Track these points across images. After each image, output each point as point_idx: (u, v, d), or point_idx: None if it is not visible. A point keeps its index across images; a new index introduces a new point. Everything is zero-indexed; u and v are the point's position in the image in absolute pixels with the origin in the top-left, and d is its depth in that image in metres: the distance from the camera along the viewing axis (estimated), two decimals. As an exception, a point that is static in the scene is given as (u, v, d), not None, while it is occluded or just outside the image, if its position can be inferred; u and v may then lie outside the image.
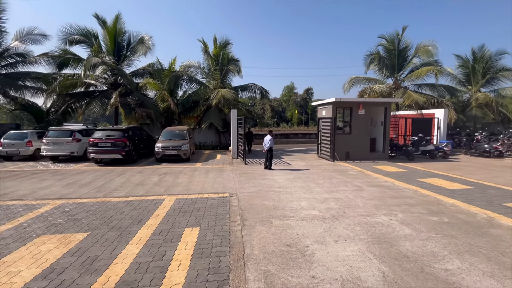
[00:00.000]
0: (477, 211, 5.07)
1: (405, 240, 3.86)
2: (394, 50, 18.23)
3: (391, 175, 8.54)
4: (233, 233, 4.15)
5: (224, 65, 17.08)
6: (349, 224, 4.47)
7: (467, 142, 14.81)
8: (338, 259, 3.35)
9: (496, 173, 8.87)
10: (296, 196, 6.22)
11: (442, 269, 3.09)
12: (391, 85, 18.83)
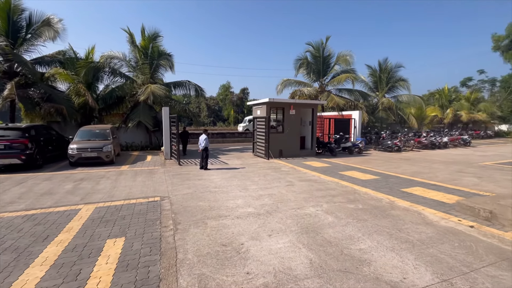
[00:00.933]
0: (383, 197, 6.04)
1: (328, 228, 4.29)
2: (320, 57, 20.23)
3: (317, 170, 9.43)
4: (164, 239, 3.86)
5: (154, 59, 15.84)
6: (281, 218, 4.72)
7: (376, 139, 17.60)
8: (272, 252, 3.49)
9: (396, 165, 10.78)
10: (232, 195, 6.23)
11: (357, 249, 3.55)
12: (317, 89, 20.84)
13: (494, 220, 4.49)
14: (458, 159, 12.58)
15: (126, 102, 16.09)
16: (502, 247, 3.63)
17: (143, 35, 15.82)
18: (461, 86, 46.78)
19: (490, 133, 30.54)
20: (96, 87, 16.02)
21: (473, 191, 6.57)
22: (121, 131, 15.63)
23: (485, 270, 3.06)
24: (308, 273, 2.99)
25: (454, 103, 33.15)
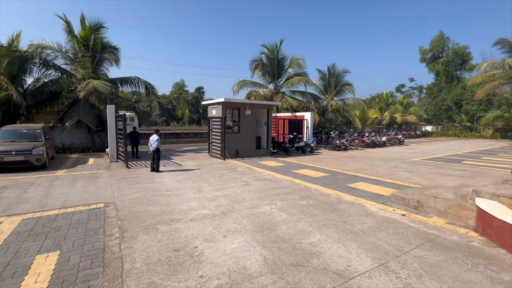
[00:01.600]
0: (331, 193, 6.49)
1: (282, 224, 4.43)
2: (274, 59, 20.84)
3: (272, 169, 9.69)
4: (108, 249, 3.53)
5: (97, 52, 14.36)
6: (237, 218, 4.71)
7: (326, 139, 18.86)
8: (226, 253, 3.45)
9: (343, 162, 11.69)
10: (186, 197, 6.01)
11: (308, 243, 3.74)
12: (272, 90, 21.44)
13: (420, 208, 5.18)
14: (394, 156, 14.22)
15: (63, 98, 14.29)
16: (426, 231, 4.20)
17: (83, 25, 14.20)
18: (396, 92, 53.22)
19: (419, 133, 35.27)
20: (23, 81, 13.87)
21: (405, 184, 7.48)
22: (56, 131, 13.81)
23: (413, 252, 3.51)
24: (262, 270, 3.04)
25: (391, 107, 37.49)
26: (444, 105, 40.42)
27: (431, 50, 46.88)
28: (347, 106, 25.79)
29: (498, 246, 3.68)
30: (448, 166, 10.82)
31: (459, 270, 3.09)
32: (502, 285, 2.81)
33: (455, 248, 3.63)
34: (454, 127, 37.91)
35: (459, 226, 4.41)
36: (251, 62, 21.12)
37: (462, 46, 43.80)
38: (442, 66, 44.16)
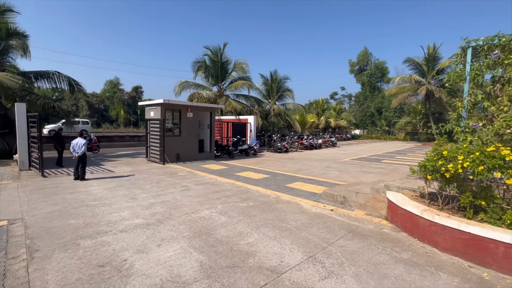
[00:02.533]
0: (271, 193, 6.77)
1: (221, 228, 4.42)
2: (218, 62, 20.78)
3: (215, 173, 9.60)
4: (11, 274, 2.96)
5: (2, 39, 12.00)
6: (173, 225, 4.51)
7: (268, 141, 19.61)
8: (160, 263, 3.27)
9: (283, 164, 12.33)
10: (116, 206, 5.47)
11: (245, 244, 3.82)
12: (216, 93, 21.30)
13: (346, 203, 5.82)
14: (327, 157, 15.65)
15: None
16: (349, 223, 4.75)
17: (-18, 5, 11.70)
18: (331, 99, 58.93)
19: (349, 136, 39.70)
20: None
21: (335, 182, 8.31)
22: None
23: (338, 243, 3.92)
24: (197, 276, 2.97)
25: (326, 112, 41.24)
26: (368, 111, 46.51)
27: (358, 63, 53.47)
28: (288, 111, 27.38)
29: (402, 230, 4.39)
30: (370, 165, 12.44)
31: (372, 254, 3.58)
32: (402, 262, 3.36)
33: (371, 236, 4.19)
34: (377, 131, 43.90)
35: (374, 216, 5.11)
36: (194, 63, 20.64)
37: (381, 62, 51.25)
38: (367, 77, 50.78)
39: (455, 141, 4.25)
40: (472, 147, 3.47)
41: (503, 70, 3.90)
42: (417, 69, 32.29)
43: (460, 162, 3.38)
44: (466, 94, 4.21)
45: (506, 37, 3.76)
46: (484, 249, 3.27)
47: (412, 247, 3.81)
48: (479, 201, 3.51)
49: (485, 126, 3.98)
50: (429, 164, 3.88)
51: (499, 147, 3.26)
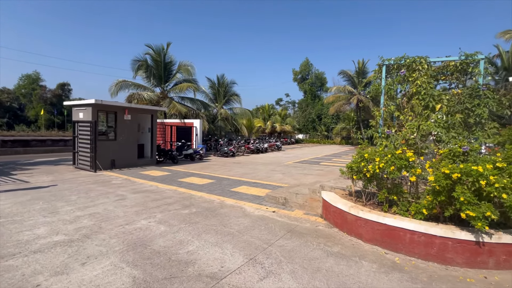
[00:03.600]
0: (215, 198, 6.68)
1: (160, 238, 4.17)
2: (161, 62, 19.72)
3: (156, 179, 9.03)
4: None
5: None
6: (103, 239, 4.06)
7: (215, 146, 19.39)
8: (83, 283, 2.90)
9: (230, 168, 12.33)
10: (30, 223, 4.66)
11: (185, 252, 3.68)
12: (159, 94, 20.14)
13: (287, 204, 6.13)
14: (273, 160, 16.27)
15: None
16: (289, 223, 5.00)
17: None
18: (276, 104, 61.70)
19: (293, 140, 42.03)
20: None
21: (278, 184, 8.67)
22: None
23: (277, 243, 4.09)
24: (128, 294, 2.73)
25: (272, 117, 42.98)
26: (310, 117, 50.13)
27: (301, 72, 57.33)
28: (235, 115, 27.60)
29: (334, 226, 4.83)
30: (310, 167, 13.39)
31: (307, 250, 3.84)
32: (333, 255, 3.69)
33: (307, 234, 4.49)
34: (317, 136, 47.58)
35: (312, 215, 5.50)
36: (133, 61, 19.15)
37: (321, 72, 56.05)
38: (308, 86, 54.81)
39: (374, 145, 4.90)
40: (386, 150, 4.06)
41: (408, 85, 4.69)
42: (350, 80, 36.30)
43: (377, 163, 3.91)
44: (382, 105, 4.93)
45: (409, 59, 4.55)
46: (396, 237, 3.83)
47: (341, 241, 4.22)
48: (392, 196, 4.11)
49: (396, 132, 4.71)
50: (354, 166, 4.38)
51: (405, 150, 3.89)
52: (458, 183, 3.31)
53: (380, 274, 3.22)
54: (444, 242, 3.51)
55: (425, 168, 3.83)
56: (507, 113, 5.33)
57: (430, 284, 3.03)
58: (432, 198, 3.55)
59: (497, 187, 3.10)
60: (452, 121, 4.21)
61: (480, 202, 3.20)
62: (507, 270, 3.36)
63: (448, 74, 5.09)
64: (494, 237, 3.34)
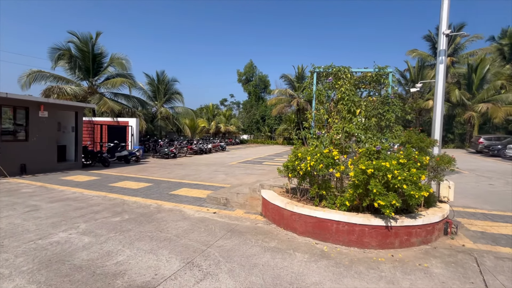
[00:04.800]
0: (152, 203, 6.27)
1: (83, 251, 3.70)
2: (89, 53, 17.50)
3: (81, 185, 7.98)
4: None
5: None
6: (6, 260, 3.39)
7: (154, 147, 18.17)
8: (-26, 317, 2.37)
9: (170, 170, 11.72)
10: None
11: (114, 264, 3.35)
12: (86, 89, 17.83)
13: (228, 205, 6.15)
14: (216, 161, 16.12)
15: None
16: (229, 223, 5.03)
17: None
18: (221, 105, 61.32)
19: (238, 140, 42.38)
20: None
21: (221, 185, 8.64)
22: None
23: (217, 243, 4.07)
24: (38, 320, 2.34)
25: (216, 117, 42.53)
26: (254, 118, 51.37)
27: (245, 74, 58.28)
28: (177, 115, 26.39)
29: (272, 223, 5.06)
30: (253, 167, 13.74)
31: (246, 248, 3.93)
32: (269, 250, 3.87)
33: (247, 232, 4.60)
34: (261, 136, 49.06)
35: (252, 213, 5.65)
36: (52, 49, 16.49)
37: (264, 75, 57.98)
38: (252, 88, 56.08)
39: (308, 145, 5.33)
40: (316, 150, 4.46)
41: (335, 92, 5.26)
42: (291, 84, 38.57)
43: (309, 162, 4.27)
44: (313, 108, 5.41)
45: (336, 68, 5.11)
46: (324, 228, 4.24)
47: (278, 236, 4.45)
48: (322, 191, 4.53)
49: (325, 133, 5.22)
50: (290, 164, 4.68)
51: (332, 149, 4.34)
52: (372, 177, 3.85)
53: (310, 263, 3.52)
54: (362, 229, 4.04)
55: (348, 165, 4.35)
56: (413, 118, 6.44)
57: (350, 267, 3.44)
58: (353, 191, 4.05)
59: (400, 180, 3.73)
60: (369, 124, 4.91)
61: (388, 193, 3.78)
62: (408, 247, 4.06)
63: (366, 83, 5.88)
64: (399, 221, 4.00)
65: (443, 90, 5.32)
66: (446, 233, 4.53)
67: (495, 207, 6.43)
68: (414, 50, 34.02)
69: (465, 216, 5.65)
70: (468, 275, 3.27)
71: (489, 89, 28.49)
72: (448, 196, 5.10)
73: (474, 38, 33.01)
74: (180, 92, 25.75)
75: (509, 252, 3.95)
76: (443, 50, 5.39)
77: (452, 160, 4.58)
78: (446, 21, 5.36)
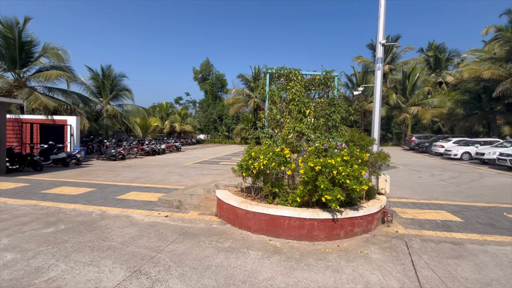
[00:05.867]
0: (94, 209, 5.69)
1: (4, 269, 3.17)
2: (14, 40, 15.09)
3: (4, 194, 6.86)
4: None
5: None
6: None
7: (99, 148, 16.55)
8: None
9: (117, 173, 10.80)
10: None
11: (44, 281, 2.95)
12: (12, 82, 15.37)
13: (181, 207, 5.92)
14: (171, 162, 15.40)
15: None
16: (182, 226, 4.85)
17: None
18: (175, 103, 58.83)
19: (194, 140, 41.15)
20: None
21: (174, 187, 8.27)
22: None
23: (168, 248, 3.88)
24: None
25: (171, 116, 40.66)
26: (211, 118, 50.50)
27: (201, 72, 56.86)
28: (126, 113, 24.48)
29: (227, 223, 5.02)
30: (210, 167, 13.49)
31: (199, 250, 3.83)
32: (223, 251, 3.83)
33: (201, 234, 4.48)
34: (219, 136, 48.46)
35: (207, 215, 5.53)
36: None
37: (221, 74, 57.33)
38: (209, 86, 55.01)
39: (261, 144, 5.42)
40: (269, 149, 4.57)
41: (287, 93, 5.46)
42: (247, 84, 38.88)
43: (262, 161, 4.35)
44: (267, 109, 5.54)
45: (287, 69, 5.31)
46: (277, 224, 4.37)
47: (233, 235, 4.44)
48: (275, 189, 4.66)
49: (278, 133, 5.39)
50: (244, 163, 4.70)
51: (283, 148, 4.50)
52: (320, 173, 4.10)
53: (264, 260, 3.59)
54: (312, 223, 4.27)
55: (298, 163, 4.55)
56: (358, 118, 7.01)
57: (301, 260, 3.61)
58: (303, 187, 4.25)
59: (344, 175, 4.03)
60: (318, 124, 5.22)
61: (334, 188, 4.07)
62: (352, 237, 4.42)
63: (316, 85, 6.24)
64: (344, 213, 4.33)
65: (380, 94, 5.94)
66: (384, 221, 5.07)
67: (423, 196, 7.42)
68: (359, 56, 37.37)
69: (399, 205, 6.39)
70: (400, 257, 3.70)
71: (419, 94, 32.78)
72: (385, 188, 5.71)
73: (407, 49, 37.80)
74: (129, 88, 23.89)
75: (432, 235, 4.59)
76: (380, 57, 6.01)
77: (388, 156, 5.13)
78: (382, 32, 5.99)
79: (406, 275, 3.24)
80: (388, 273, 3.29)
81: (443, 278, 3.16)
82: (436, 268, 3.40)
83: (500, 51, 21.71)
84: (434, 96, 33.49)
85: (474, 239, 4.40)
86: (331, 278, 3.15)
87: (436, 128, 35.68)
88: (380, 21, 5.99)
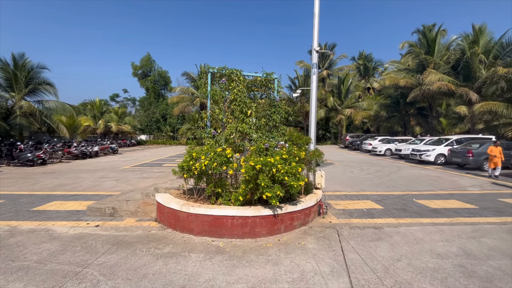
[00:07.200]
0: (1, 225, 4.76)
1: None
2: None
3: None
4: None
5: None
6: None
7: (10, 152, 13.86)
8: None
9: (35, 181, 9.24)
10: None
11: None
12: None
13: (116, 214, 5.40)
14: (105, 166, 13.88)
15: None
16: (116, 235, 4.42)
17: None
18: (111, 101, 53.32)
19: (134, 141, 37.94)
20: None
21: (109, 193, 7.49)
22: None
23: (97, 261, 3.49)
24: None
25: (106, 115, 36.67)
26: (154, 117, 47.28)
27: (142, 68, 52.79)
28: (48, 111, 21.09)
29: (168, 227, 4.78)
30: (151, 170, 12.62)
31: (135, 259, 3.55)
32: (163, 257, 3.63)
33: (137, 242, 4.16)
34: (162, 136, 45.69)
35: (145, 221, 5.16)
36: None
37: (164, 71, 54.17)
38: (151, 83, 51.43)
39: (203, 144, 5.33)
40: (210, 149, 4.52)
41: (229, 93, 5.48)
42: (193, 83, 37.63)
43: (203, 161, 4.27)
44: (208, 108, 5.46)
45: (229, 70, 5.33)
46: (221, 224, 4.35)
47: (174, 240, 4.24)
48: (217, 189, 4.63)
49: (221, 133, 5.37)
50: (185, 165, 4.55)
51: (225, 148, 4.50)
52: (260, 172, 4.23)
53: (205, 261, 3.53)
54: (254, 220, 4.37)
55: (240, 163, 4.61)
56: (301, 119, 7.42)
57: (243, 257, 3.67)
58: (245, 186, 4.33)
59: (282, 173, 4.25)
60: (259, 124, 5.38)
61: (274, 185, 4.25)
62: (291, 230, 4.69)
63: (258, 86, 6.42)
64: (283, 209, 4.56)
65: (316, 97, 6.45)
66: (319, 213, 5.52)
67: (354, 188, 8.32)
68: (301, 61, 39.85)
69: (333, 198, 7.04)
70: (332, 245, 4.08)
71: (351, 98, 36.76)
72: (321, 183, 6.22)
73: (342, 57, 41.98)
74: (51, 82, 20.60)
75: (358, 222, 5.19)
76: (315, 63, 6.53)
77: (322, 154, 5.60)
78: (317, 40, 6.51)
79: (336, 259, 3.60)
80: (321, 260, 3.59)
81: (365, 259, 3.61)
82: (360, 251, 3.86)
83: (412, 63, 25.87)
84: (364, 100, 37.97)
85: (391, 223, 5.14)
86: (271, 271, 3.28)
87: (365, 128, 40.56)
88: (315, 30, 6.50)
